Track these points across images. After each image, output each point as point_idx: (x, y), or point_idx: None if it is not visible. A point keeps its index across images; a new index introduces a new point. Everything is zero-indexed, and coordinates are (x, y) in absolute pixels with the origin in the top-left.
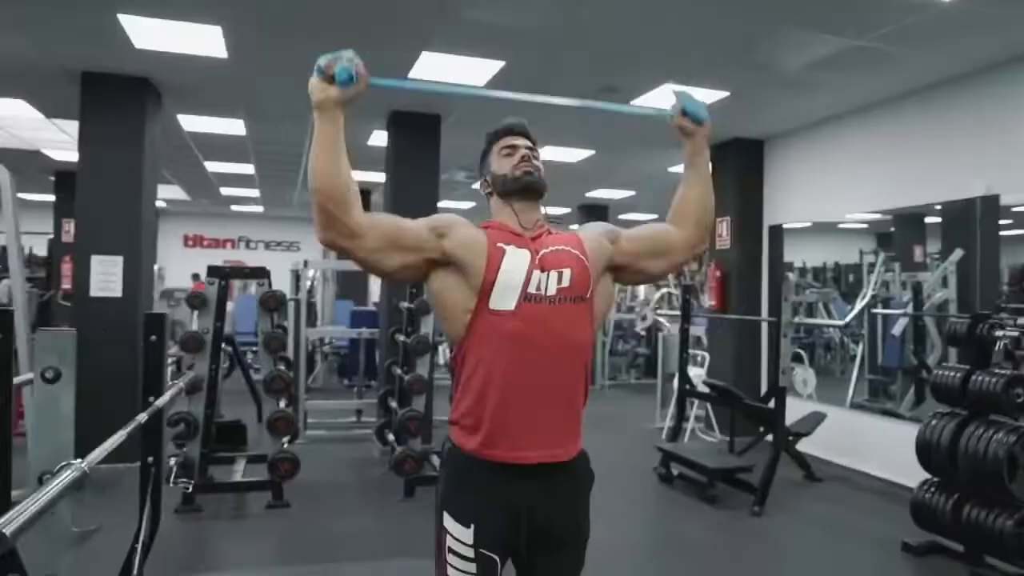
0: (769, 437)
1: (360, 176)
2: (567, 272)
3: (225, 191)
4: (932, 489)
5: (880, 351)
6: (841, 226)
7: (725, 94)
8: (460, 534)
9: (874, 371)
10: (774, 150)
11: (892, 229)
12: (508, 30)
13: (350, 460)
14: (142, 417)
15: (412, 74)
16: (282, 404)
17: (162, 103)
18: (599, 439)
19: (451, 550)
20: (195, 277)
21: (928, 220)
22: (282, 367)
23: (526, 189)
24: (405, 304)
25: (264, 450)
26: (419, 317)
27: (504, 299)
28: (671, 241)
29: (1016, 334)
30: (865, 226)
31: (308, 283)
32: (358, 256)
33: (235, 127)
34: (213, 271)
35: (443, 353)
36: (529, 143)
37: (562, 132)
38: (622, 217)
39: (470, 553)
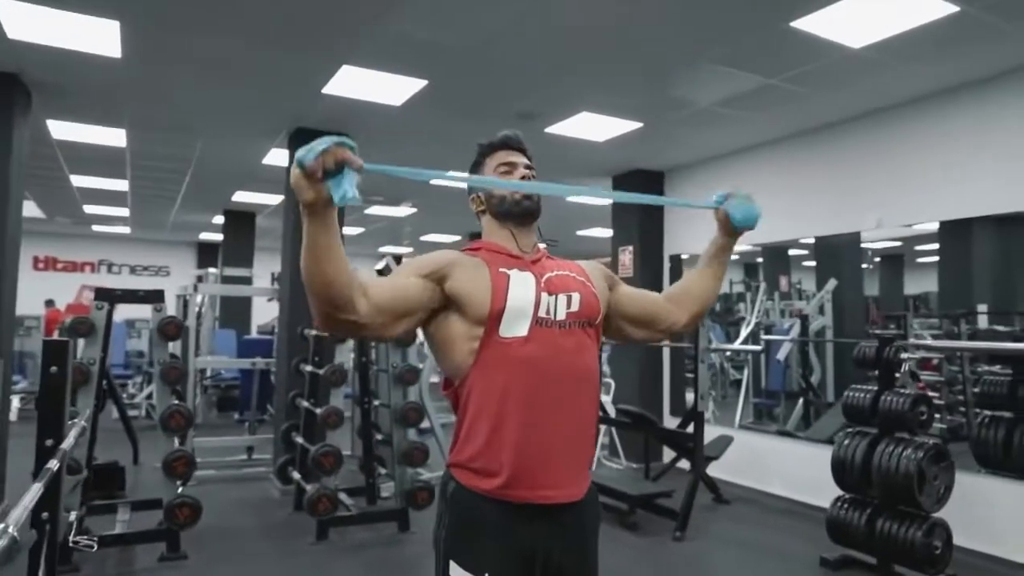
0: (682, 462)
1: (248, 197)
2: (575, 296)
3: (89, 209)
4: (846, 505)
5: (764, 375)
6: None
7: (638, 125)
8: None
9: (758, 394)
10: (674, 182)
11: (760, 260)
12: (432, 49)
13: (247, 501)
14: (53, 464)
15: (328, 88)
16: (176, 443)
17: (31, 105)
18: None
19: None
20: (49, 303)
21: (791, 252)
22: (176, 401)
23: (525, 215)
24: (312, 332)
25: (147, 494)
26: (333, 345)
27: (515, 326)
28: (660, 319)
29: (919, 356)
30: (736, 257)
31: (197, 309)
32: (366, 337)
33: (115, 137)
34: (101, 294)
35: None
36: (527, 159)
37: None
38: None
39: None
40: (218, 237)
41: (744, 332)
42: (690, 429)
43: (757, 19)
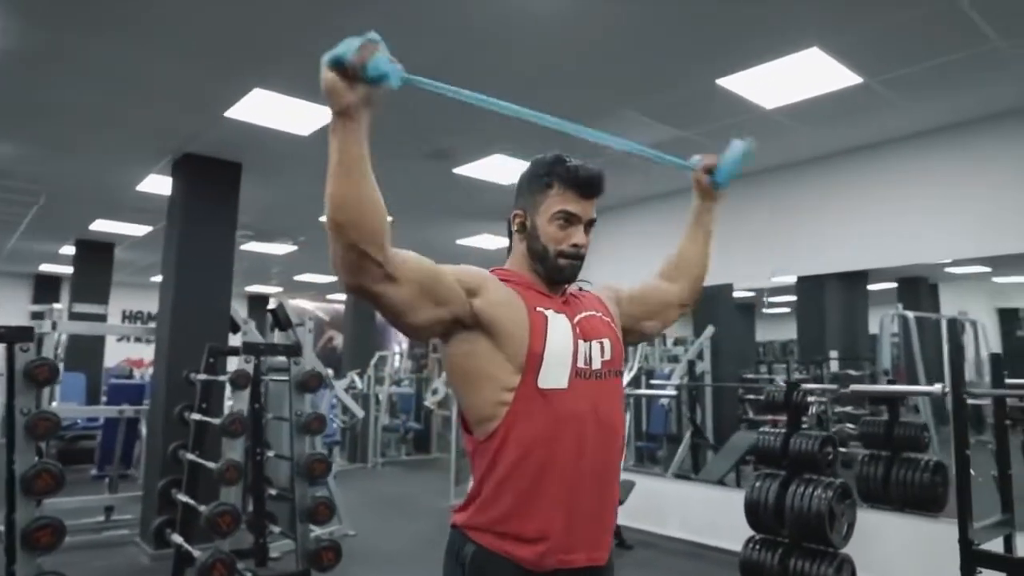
0: None
1: (109, 226)
2: (607, 343)
3: None
4: (758, 546)
5: (645, 419)
6: None
7: None
8: None
9: (639, 438)
10: None
11: None
12: None
13: (113, 570)
14: None
15: (232, 112)
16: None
17: None
18: (394, 523)
19: None
20: None
21: None
22: (39, 458)
23: (560, 281)
24: (200, 376)
25: None
26: (235, 392)
27: (555, 376)
28: (666, 300)
29: (826, 400)
30: None
31: (56, 350)
32: (387, 304)
33: None
34: None
35: None
36: (593, 215)
37: None
38: None
39: None
40: (64, 269)
41: (627, 377)
42: None
43: (689, 73)
